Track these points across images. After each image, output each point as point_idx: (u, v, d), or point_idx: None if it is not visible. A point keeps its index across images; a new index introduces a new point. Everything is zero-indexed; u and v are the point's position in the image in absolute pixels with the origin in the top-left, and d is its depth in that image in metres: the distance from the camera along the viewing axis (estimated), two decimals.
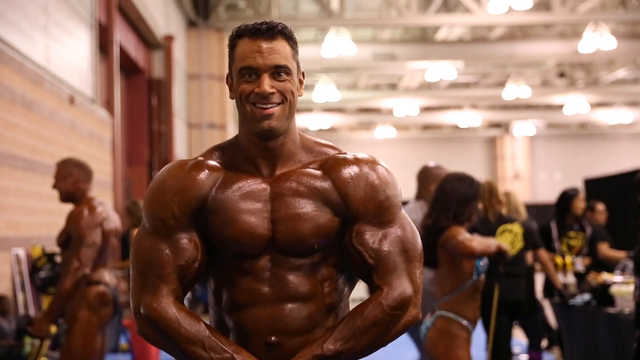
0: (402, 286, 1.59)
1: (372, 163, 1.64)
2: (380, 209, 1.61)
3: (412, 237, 1.64)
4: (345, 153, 1.67)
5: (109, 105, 9.44)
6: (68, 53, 7.99)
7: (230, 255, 1.61)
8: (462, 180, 3.29)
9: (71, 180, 3.76)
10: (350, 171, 1.62)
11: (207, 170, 1.62)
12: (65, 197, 3.81)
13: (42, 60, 7.20)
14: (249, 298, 1.60)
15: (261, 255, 1.60)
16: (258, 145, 1.62)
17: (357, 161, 1.64)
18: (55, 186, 3.81)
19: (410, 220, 1.67)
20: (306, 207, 1.59)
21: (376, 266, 1.59)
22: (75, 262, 3.59)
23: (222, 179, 1.62)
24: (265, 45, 1.58)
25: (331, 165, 1.63)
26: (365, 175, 1.62)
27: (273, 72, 1.59)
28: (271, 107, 1.58)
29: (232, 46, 1.64)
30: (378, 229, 1.61)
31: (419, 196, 4.46)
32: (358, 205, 1.60)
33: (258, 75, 1.59)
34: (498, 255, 3.38)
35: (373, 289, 1.60)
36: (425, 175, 4.44)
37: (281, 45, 1.60)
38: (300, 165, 1.64)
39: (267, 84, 1.57)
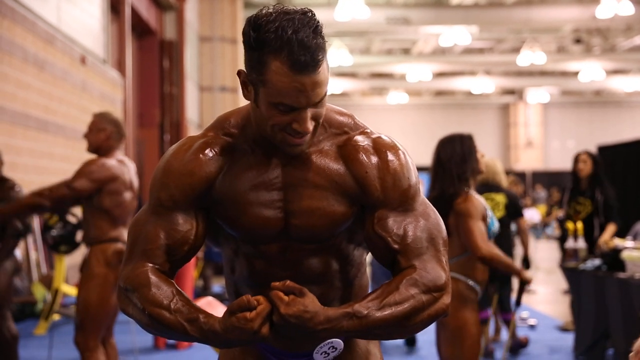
0: (435, 270, 1.48)
1: (393, 148, 1.53)
2: (404, 197, 1.52)
3: (438, 224, 1.54)
4: (363, 133, 1.55)
5: (120, 66, 9.40)
6: (80, 13, 7.94)
7: (241, 239, 1.56)
8: (453, 142, 3.30)
9: (104, 136, 3.80)
10: (370, 159, 1.51)
11: (214, 153, 1.52)
12: (93, 149, 3.84)
13: (53, 20, 7.17)
14: (262, 280, 1.55)
15: (273, 241, 1.54)
16: None
17: (377, 147, 1.52)
18: (86, 136, 3.84)
19: (432, 206, 1.58)
20: (321, 200, 1.50)
21: (403, 250, 1.49)
22: (46, 190, 3.67)
23: (231, 163, 1.53)
24: (309, 80, 1.38)
25: (350, 150, 1.52)
26: (386, 163, 1.51)
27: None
28: (305, 136, 1.45)
29: (261, 61, 1.39)
30: (402, 215, 1.51)
31: None
32: (379, 194, 1.50)
33: (298, 110, 1.42)
34: (521, 283, 3.42)
35: (399, 271, 1.49)
36: None
37: (323, 72, 1.40)
38: (316, 143, 1.52)
39: (309, 123, 1.42)
